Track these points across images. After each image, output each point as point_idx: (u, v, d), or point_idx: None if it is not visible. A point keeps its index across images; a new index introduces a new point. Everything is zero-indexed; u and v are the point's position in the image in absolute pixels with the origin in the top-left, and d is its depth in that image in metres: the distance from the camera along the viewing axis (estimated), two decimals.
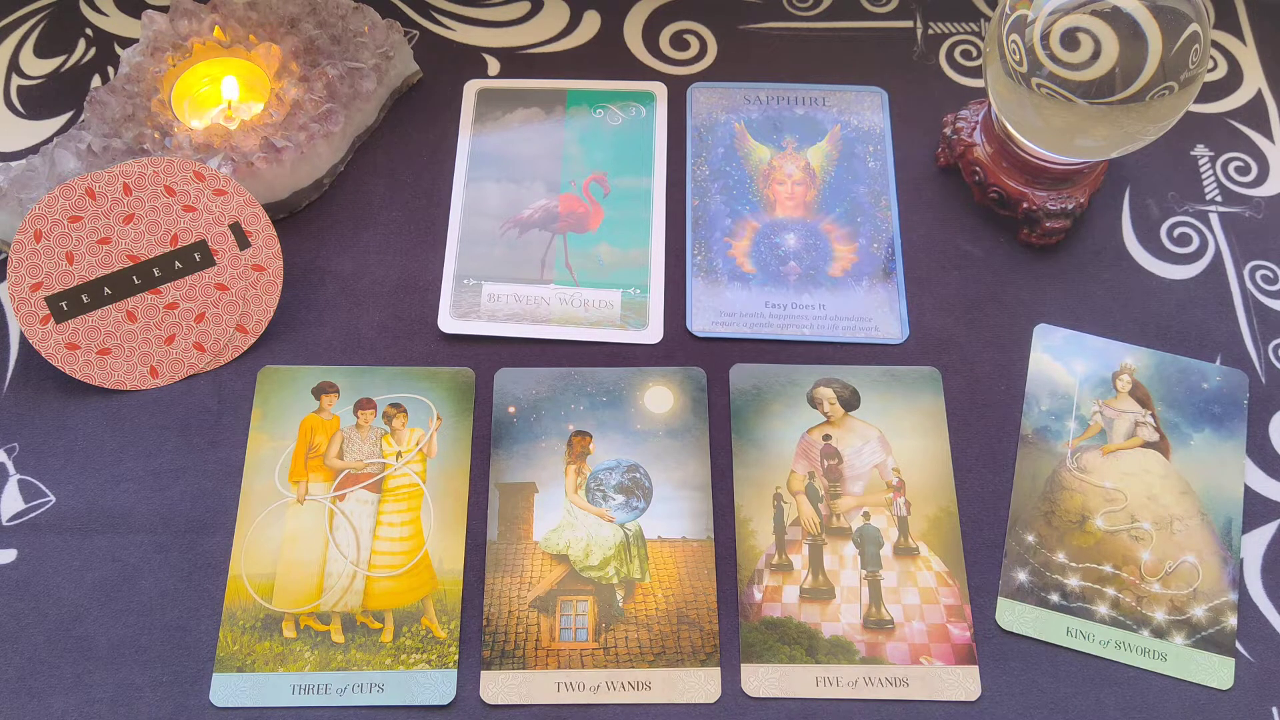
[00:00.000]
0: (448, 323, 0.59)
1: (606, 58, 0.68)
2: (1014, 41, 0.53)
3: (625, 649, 0.52)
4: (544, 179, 0.64)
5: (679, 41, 0.69)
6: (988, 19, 0.70)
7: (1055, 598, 0.53)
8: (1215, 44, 0.69)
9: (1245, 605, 0.53)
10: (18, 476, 0.56)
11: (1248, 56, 0.69)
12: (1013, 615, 0.52)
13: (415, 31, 0.69)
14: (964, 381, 0.58)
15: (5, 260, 0.60)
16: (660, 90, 0.67)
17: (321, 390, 0.58)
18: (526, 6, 0.71)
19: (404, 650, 0.51)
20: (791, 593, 0.53)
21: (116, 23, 0.70)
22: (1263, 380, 0.58)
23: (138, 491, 0.55)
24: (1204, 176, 0.65)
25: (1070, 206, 0.60)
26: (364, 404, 0.57)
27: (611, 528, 0.54)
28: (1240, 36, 0.70)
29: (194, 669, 0.51)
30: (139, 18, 0.66)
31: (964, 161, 0.63)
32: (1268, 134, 0.66)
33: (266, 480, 0.55)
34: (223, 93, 0.63)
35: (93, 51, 0.68)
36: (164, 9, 0.64)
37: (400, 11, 0.70)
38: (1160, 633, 0.52)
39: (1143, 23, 0.50)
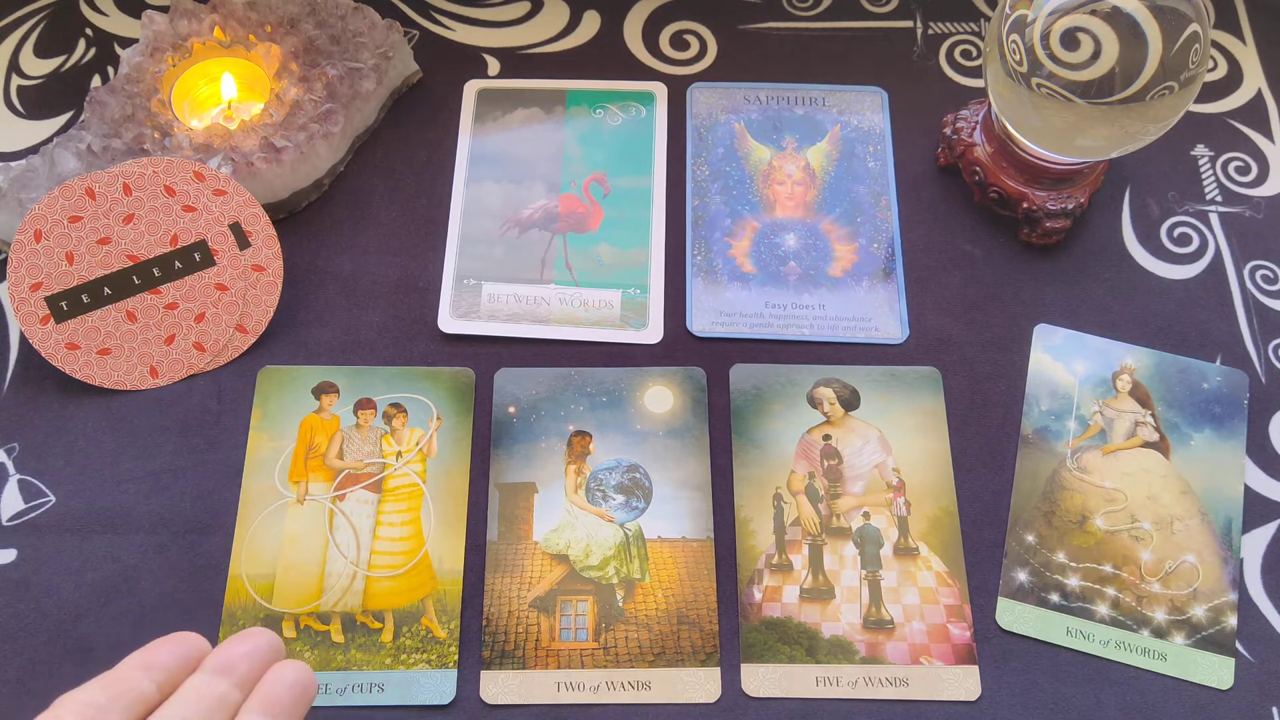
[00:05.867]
0: (448, 323, 0.59)
1: (606, 58, 0.68)
2: (1014, 41, 0.53)
3: (625, 649, 0.52)
4: (544, 179, 0.64)
5: (679, 41, 0.69)
6: (988, 19, 0.70)
7: (1055, 598, 0.53)
8: (1215, 44, 0.69)
9: (1245, 605, 0.53)
10: (18, 476, 0.56)
11: (1248, 56, 0.69)
12: (1013, 615, 0.52)
13: (415, 31, 0.69)
14: (964, 381, 0.58)
15: (5, 260, 0.60)
16: (660, 90, 0.67)
17: (321, 390, 0.58)
18: (526, 6, 0.70)
19: (404, 650, 0.51)
20: (791, 593, 0.53)
21: (116, 23, 0.70)
22: (1263, 380, 0.58)
23: (138, 492, 0.55)
24: (1204, 176, 0.65)
25: (1070, 206, 0.60)
26: (364, 404, 0.57)
27: (611, 528, 0.54)
28: (1240, 36, 0.70)
29: None
30: (139, 18, 0.66)
31: (964, 161, 0.63)
32: (1268, 134, 0.66)
33: (266, 480, 0.55)
34: (221, 92, 0.63)
35: (93, 51, 0.68)
36: (164, 9, 0.64)
37: (400, 11, 0.70)
38: (1160, 633, 0.52)
39: (1143, 23, 0.50)
